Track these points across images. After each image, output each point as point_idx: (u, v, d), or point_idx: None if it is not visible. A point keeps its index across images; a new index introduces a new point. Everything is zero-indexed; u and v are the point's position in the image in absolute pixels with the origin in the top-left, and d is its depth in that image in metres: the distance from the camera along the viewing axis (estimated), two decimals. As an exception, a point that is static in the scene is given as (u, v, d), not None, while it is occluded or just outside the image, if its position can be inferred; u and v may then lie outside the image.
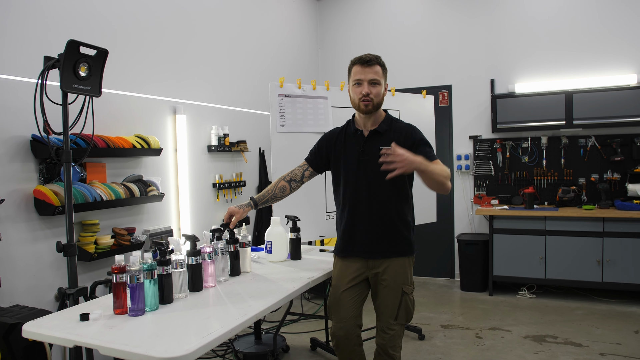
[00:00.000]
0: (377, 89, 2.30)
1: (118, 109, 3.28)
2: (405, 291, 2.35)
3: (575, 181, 4.97)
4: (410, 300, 2.38)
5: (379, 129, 2.35)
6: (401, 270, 2.36)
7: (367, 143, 2.35)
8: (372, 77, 2.29)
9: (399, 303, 2.33)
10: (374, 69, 2.30)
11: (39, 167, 2.75)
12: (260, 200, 2.61)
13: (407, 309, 2.37)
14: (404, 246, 2.38)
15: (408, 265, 2.39)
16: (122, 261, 2.00)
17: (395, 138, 2.27)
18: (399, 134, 2.32)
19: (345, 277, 2.41)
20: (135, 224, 3.37)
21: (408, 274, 2.39)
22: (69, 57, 2.32)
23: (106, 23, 3.21)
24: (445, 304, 4.69)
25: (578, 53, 4.96)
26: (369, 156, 2.32)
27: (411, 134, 2.34)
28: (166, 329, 1.79)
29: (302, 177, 2.62)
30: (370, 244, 2.36)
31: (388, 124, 2.37)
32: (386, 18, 5.83)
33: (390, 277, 2.34)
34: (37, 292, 2.71)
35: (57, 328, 1.82)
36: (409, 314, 2.39)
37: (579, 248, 4.51)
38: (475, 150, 5.38)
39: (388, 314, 2.34)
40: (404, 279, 2.35)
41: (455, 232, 5.52)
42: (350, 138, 2.42)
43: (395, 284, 2.34)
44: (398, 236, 2.36)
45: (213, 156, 4.21)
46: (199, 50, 4.08)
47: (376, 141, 2.33)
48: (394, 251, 2.35)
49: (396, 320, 2.34)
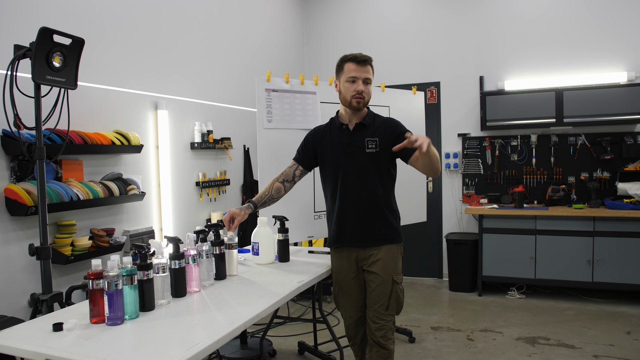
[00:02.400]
0: (369, 88, 2.43)
1: (97, 103, 3.11)
2: (395, 280, 2.42)
3: (565, 180, 4.93)
4: (400, 289, 2.45)
5: (364, 122, 2.44)
6: (391, 259, 2.43)
7: (353, 135, 2.44)
8: (367, 77, 2.40)
9: (389, 292, 2.40)
10: (368, 68, 2.41)
11: (11, 165, 2.57)
12: (259, 202, 2.60)
13: (397, 298, 2.43)
14: (393, 233, 2.45)
15: (397, 254, 2.47)
16: (99, 266, 1.85)
17: (380, 130, 2.42)
18: (384, 127, 2.44)
19: (344, 270, 2.53)
20: (115, 225, 3.21)
21: (397, 262, 2.46)
22: (41, 46, 2.15)
23: (83, 13, 3.03)
24: (435, 304, 4.61)
25: (568, 50, 4.92)
26: (355, 148, 2.42)
27: (397, 126, 2.46)
28: (147, 340, 1.65)
29: (293, 177, 2.64)
30: (360, 232, 2.44)
31: (371, 118, 2.49)
32: (373, 14, 5.73)
33: (381, 265, 2.41)
34: (9, 298, 2.53)
35: (27, 340, 1.67)
36: (399, 304, 2.45)
37: (569, 247, 4.47)
38: (464, 148, 5.31)
39: (379, 303, 2.40)
40: (394, 268, 2.43)
41: (444, 231, 5.45)
42: (336, 132, 2.50)
43: (385, 273, 2.40)
44: (386, 223, 2.44)
45: (196, 153, 4.06)
46: (180, 44, 3.92)
47: (361, 133, 2.44)
48: (384, 239, 2.43)
49: (387, 310, 2.40)
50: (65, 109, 2.43)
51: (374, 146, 2.39)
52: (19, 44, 2.24)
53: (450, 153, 5.39)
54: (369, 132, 2.42)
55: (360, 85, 2.37)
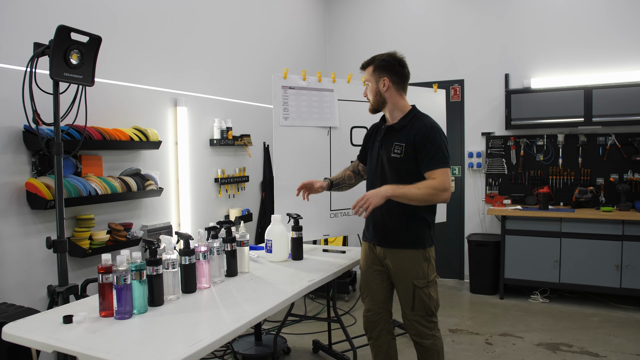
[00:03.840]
0: (367, 90, 2.47)
1: (116, 100, 3.16)
2: (416, 285, 2.35)
3: (593, 181, 4.77)
4: (426, 294, 2.36)
5: (395, 125, 2.40)
6: (410, 263, 2.36)
7: (384, 137, 2.44)
8: (364, 79, 2.50)
9: (412, 296, 2.36)
10: (365, 72, 2.47)
11: (32, 160, 2.63)
12: (335, 181, 2.78)
13: (422, 302, 2.36)
14: (411, 239, 2.37)
15: (420, 259, 2.36)
16: (109, 260, 1.88)
17: (410, 136, 2.32)
18: (415, 133, 2.32)
19: (367, 262, 2.56)
20: (133, 219, 3.26)
21: (419, 267, 2.36)
22: (59, 44, 2.19)
23: (104, 10, 3.08)
24: (454, 306, 4.53)
25: (598, 47, 4.74)
26: (384, 150, 2.42)
27: (423, 133, 2.30)
28: (152, 335, 1.67)
29: (359, 171, 2.79)
30: (379, 231, 2.45)
31: (407, 120, 2.38)
32: (397, 10, 5.65)
33: (399, 269, 2.39)
34: (29, 289, 2.60)
35: (38, 331, 1.71)
36: (427, 308, 2.37)
37: (596, 251, 4.31)
38: (487, 147, 5.20)
39: (404, 303, 2.42)
40: (414, 272, 2.35)
41: (466, 232, 5.35)
42: (379, 130, 2.54)
43: (404, 276, 2.38)
44: (404, 228, 2.37)
45: (215, 150, 4.08)
46: (200, 41, 3.95)
47: (391, 136, 2.40)
48: (399, 242, 2.39)
49: (413, 311, 2.38)
50: (82, 105, 2.47)
51: (399, 152, 2.34)
52: (38, 42, 2.29)
53: (473, 152, 5.28)
54: (399, 136, 2.36)
55: (364, 90, 2.51)
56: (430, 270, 2.38)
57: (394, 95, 2.39)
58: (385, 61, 2.38)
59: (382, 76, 2.37)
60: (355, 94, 3.43)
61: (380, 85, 2.38)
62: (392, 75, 2.37)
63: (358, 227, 3.44)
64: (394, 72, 2.37)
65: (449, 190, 2.22)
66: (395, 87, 2.38)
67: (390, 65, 2.37)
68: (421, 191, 2.20)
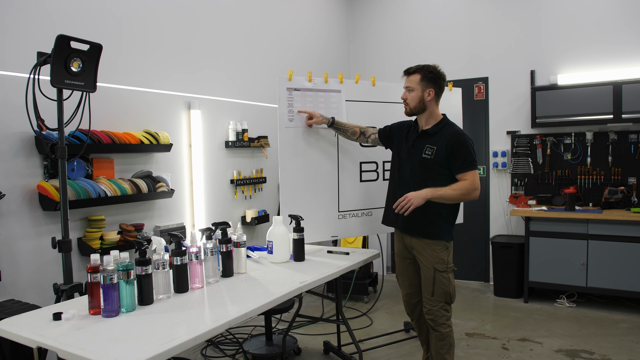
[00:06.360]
0: (412, 95, 2.67)
1: (129, 104, 3.27)
2: (437, 268, 2.61)
3: (624, 181, 4.53)
4: (445, 277, 2.62)
5: (429, 130, 2.67)
6: (431, 250, 2.64)
7: (417, 140, 2.70)
8: (408, 85, 2.70)
9: (432, 280, 2.63)
10: (410, 77, 2.69)
11: (44, 163, 2.76)
12: (338, 124, 3.07)
13: (441, 285, 2.61)
14: (434, 230, 2.64)
15: (440, 249, 2.64)
16: (97, 260, 1.95)
17: (442, 140, 2.60)
18: (448, 138, 2.59)
19: (400, 251, 2.86)
20: (146, 220, 3.36)
21: (440, 254, 2.63)
22: (59, 53, 2.29)
23: (112, 16, 3.18)
24: (475, 309, 4.41)
25: (626, 41, 4.50)
26: (416, 150, 2.68)
27: (455, 139, 2.58)
28: (131, 333, 1.72)
29: (368, 136, 3.06)
30: (407, 220, 2.65)
31: (440, 127, 2.66)
32: (420, 8, 5.56)
33: (423, 255, 2.67)
34: (39, 287, 2.73)
35: (27, 327, 1.79)
36: (446, 294, 2.63)
37: (626, 255, 4.09)
38: (513, 146, 5.03)
39: (426, 289, 2.68)
40: (436, 257, 2.63)
41: (491, 233, 5.20)
42: (412, 131, 2.77)
43: (427, 261, 2.65)
44: (428, 220, 2.63)
45: (231, 152, 4.15)
46: (215, 44, 4.02)
47: (424, 140, 2.66)
48: (423, 232, 2.66)
49: (433, 296, 2.64)
50: (87, 111, 2.57)
51: (429, 153, 2.61)
52: (42, 51, 2.40)
53: (498, 152, 5.12)
54: (432, 139, 2.64)
55: (404, 94, 2.72)
56: (450, 259, 2.67)
57: (433, 105, 2.68)
58: (433, 74, 2.65)
59: (429, 87, 2.64)
60: (363, 94, 3.40)
61: (425, 95, 2.64)
62: (437, 88, 2.66)
63: (366, 228, 3.41)
64: (438, 85, 2.66)
65: (478, 189, 2.55)
66: (436, 98, 2.68)
67: (437, 78, 2.66)
68: (456, 192, 2.53)
